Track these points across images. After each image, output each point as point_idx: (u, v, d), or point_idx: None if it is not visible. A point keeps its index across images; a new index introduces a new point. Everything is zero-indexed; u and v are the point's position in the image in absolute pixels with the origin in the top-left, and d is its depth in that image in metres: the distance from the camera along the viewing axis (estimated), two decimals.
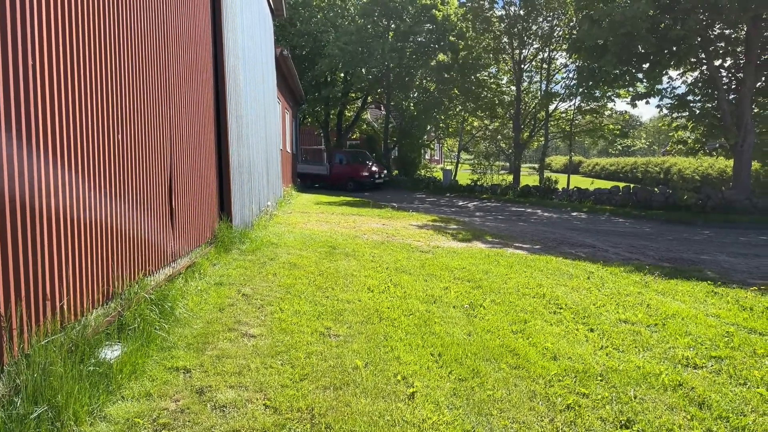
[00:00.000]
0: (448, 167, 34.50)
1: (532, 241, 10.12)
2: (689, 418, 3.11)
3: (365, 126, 37.55)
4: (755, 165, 18.93)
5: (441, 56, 25.71)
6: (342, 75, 29.32)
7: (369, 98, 32.08)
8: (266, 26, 12.39)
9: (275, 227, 9.50)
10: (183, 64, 5.69)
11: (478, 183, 24.35)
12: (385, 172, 26.19)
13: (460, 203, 19.44)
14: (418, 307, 5.12)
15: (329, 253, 7.42)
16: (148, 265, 4.61)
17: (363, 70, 25.61)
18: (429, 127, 31.24)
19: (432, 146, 39.45)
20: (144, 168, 4.55)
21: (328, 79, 28.63)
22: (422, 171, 31.53)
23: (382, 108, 33.48)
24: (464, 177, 29.04)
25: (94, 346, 3.28)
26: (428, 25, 25.63)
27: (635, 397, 3.34)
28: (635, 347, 4.27)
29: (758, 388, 3.55)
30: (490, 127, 29.08)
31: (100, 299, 3.73)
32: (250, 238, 7.64)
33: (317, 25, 27.10)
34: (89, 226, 3.57)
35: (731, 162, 19.26)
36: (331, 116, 32.66)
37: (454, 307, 5.20)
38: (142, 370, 3.33)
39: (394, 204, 17.76)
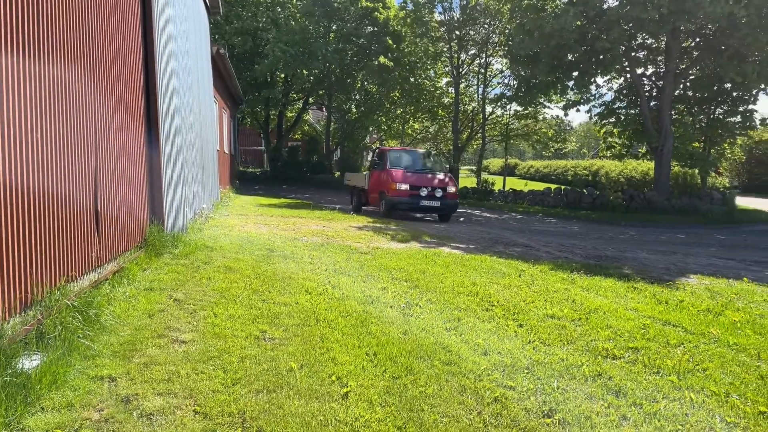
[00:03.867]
0: None
1: (468, 241, 10.40)
2: (606, 405, 3.32)
3: (307, 127, 37.29)
4: (675, 168, 20.27)
5: (382, 59, 25.97)
6: (283, 76, 28.98)
7: (311, 99, 31.87)
8: (200, 21, 12.07)
9: (211, 230, 9.27)
10: (105, 51, 5.47)
11: None
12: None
13: None
14: (356, 308, 5.16)
15: (267, 256, 7.33)
16: (71, 271, 4.40)
17: (304, 71, 25.41)
18: (371, 129, 31.44)
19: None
20: (66, 167, 4.34)
21: (269, 79, 28.22)
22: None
23: (324, 109, 33.36)
24: None
25: (11, 356, 3.10)
26: (370, 27, 25.82)
27: (558, 388, 3.53)
28: (560, 341, 4.49)
29: (670, 375, 3.83)
30: (431, 130, 29.62)
31: (18, 307, 3.53)
32: (184, 242, 7.42)
33: (256, 22, 26.63)
34: (2, 229, 3.37)
35: (653, 164, 20.52)
36: (272, 117, 32.19)
37: (391, 307, 5.28)
38: (64, 380, 3.18)
39: (336, 205, 17.74)
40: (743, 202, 21.69)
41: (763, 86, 17.03)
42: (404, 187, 13.86)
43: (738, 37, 14.69)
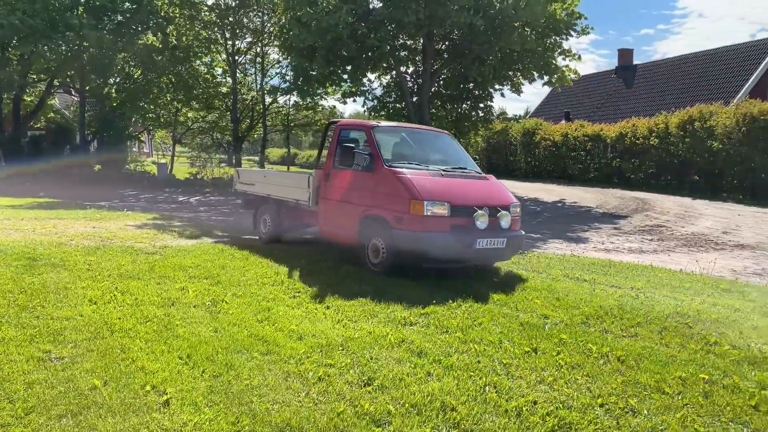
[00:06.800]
0: (162, 161, 32.16)
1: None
2: (413, 366, 3.77)
3: (52, 114, 31.98)
4: None
5: (150, 37, 23.55)
6: (18, 53, 24.27)
7: (56, 81, 27.37)
8: None
9: None
10: None
11: (199, 177, 23.46)
12: None
13: (181, 199, 18.44)
14: (155, 312, 4.80)
15: (29, 266, 6.25)
16: None
17: (45, 48, 21.65)
18: (135, 117, 28.50)
19: (142, 138, 36.11)
20: None
21: None
22: (131, 165, 28.60)
23: (74, 93, 29.03)
24: (182, 171, 27.52)
25: None
26: (128, 4, 23.23)
27: (372, 358, 3.87)
28: (365, 316, 4.88)
29: (456, 333, 4.49)
30: (208, 119, 28.22)
31: None
32: None
33: None
34: None
35: None
36: (5, 101, 26.79)
37: (195, 306, 5.04)
38: None
39: (103, 203, 15.77)
40: None
41: (497, 86, 20.49)
42: (440, 209, 6.15)
43: (478, 43, 17.34)
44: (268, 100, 25.38)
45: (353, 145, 7.05)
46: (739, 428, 3.06)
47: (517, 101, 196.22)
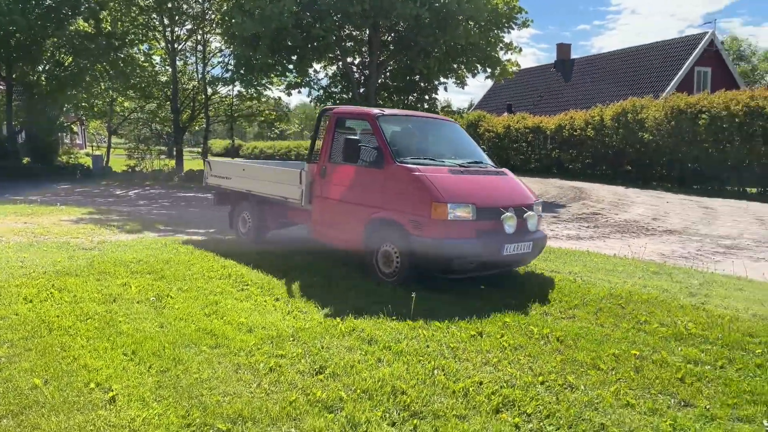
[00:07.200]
0: (98, 153, 30.69)
1: (207, 225, 10.13)
2: (364, 353, 3.84)
3: None
4: None
5: (81, 23, 22.27)
6: None
7: None
8: None
9: None
10: None
11: (137, 169, 22.59)
12: None
13: (119, 192, 17.69)
14: (96, 309, 4.65)
15: None
16: None
17: None
18: (67, 107, 27.01)
19: (74, 129, 34.28)
20: None
21: None
22: (64, 157, 27.11)
23: (0, 81, 27.18)
24: (120, 163, 26.38)
25: None
26: None
27: (323, 347, 3.91)
28: (315, 306, 4.90)
29: (405, 320, 4.59)
30: (146, 109, 27.11)
31: None
32: None
33: None
34: None
35: None
36: None
37: (138, 302, 4.91)
38: None
39: (34, 197, 14.92)
40: None
41: (443, 79, 20.76)
42: (465, 212, 5.48)
43: (424, 36, 17.50)
44: (209, 90, 24.64)
45: (356, 137, 6.24)
46: (667, 399, 3.30)
47: (462, 94, 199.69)
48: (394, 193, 5.72)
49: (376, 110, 6.48)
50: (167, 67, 25.03)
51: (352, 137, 6.18)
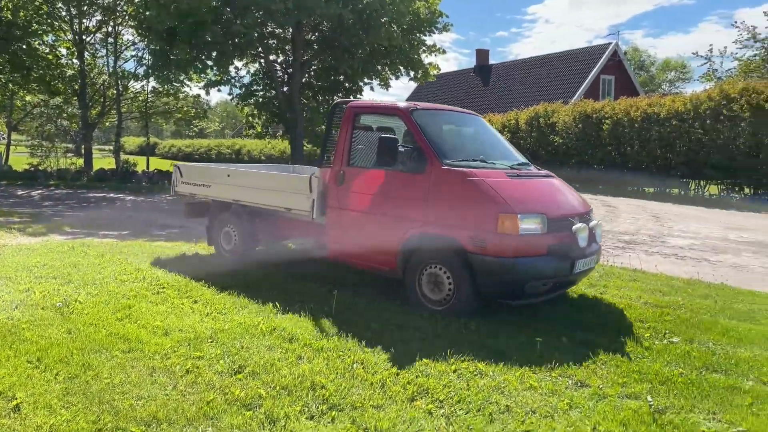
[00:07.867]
0: None
1: (120, 227, 9.67)
2: (284, 351, 3.87)
3: None
4: (307, 146, 22.99)
5: None
6: None
7: None
8: None
9: None
10: None
11: (41, 168, 21.03)
12: None
13: (20, 193, 16.41)
14: None
15: None
16: None
17: None
18: None
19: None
20: None
21: None
22: None
23: None
24: (21, 162, 24.39)
25: None
26: None
27: (243, 347, 3.90)
28: (236, 308, 4.86)
29: (328, 317, 4.66)
30: (51, 104, 25.24)
31: None
32: None
33: None
34: None
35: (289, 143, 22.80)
36: None
37: (43, 308, 4.65)
38: None
39: None
40: None
41: (367, 80, 20.95)
42: (536, 224, 4.58)
43: (347, 36, 17.59)
44: (122, 85, 23.35)
45: (392, 135, 5.17)
46: (565, 381, 3.60)
47: (386, 95, 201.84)
48: (444, 203, 4.73)
49: (404, 104, 5.51)
50: (74, 60, 23.46)
51: (388, 136, 5.10)
